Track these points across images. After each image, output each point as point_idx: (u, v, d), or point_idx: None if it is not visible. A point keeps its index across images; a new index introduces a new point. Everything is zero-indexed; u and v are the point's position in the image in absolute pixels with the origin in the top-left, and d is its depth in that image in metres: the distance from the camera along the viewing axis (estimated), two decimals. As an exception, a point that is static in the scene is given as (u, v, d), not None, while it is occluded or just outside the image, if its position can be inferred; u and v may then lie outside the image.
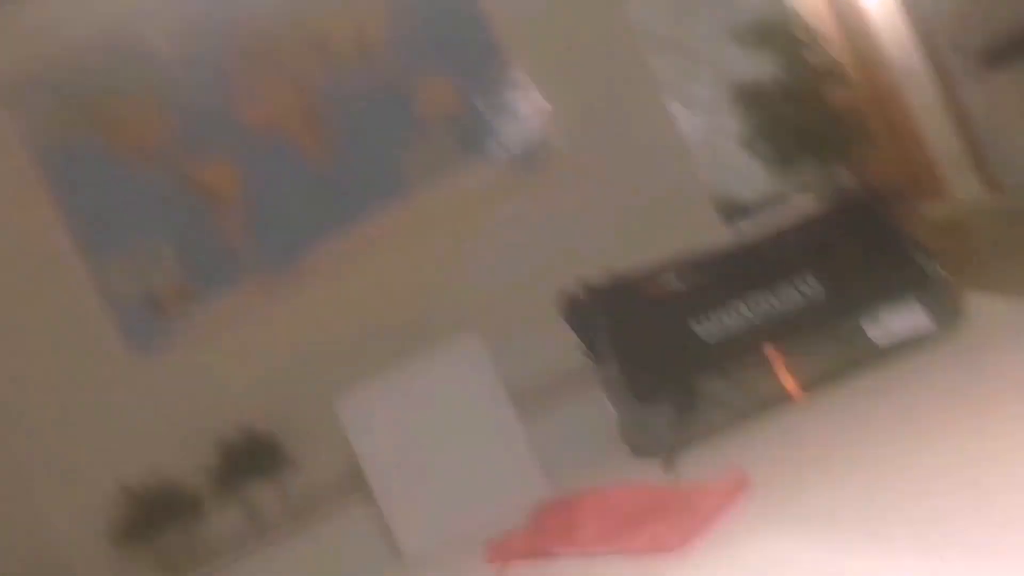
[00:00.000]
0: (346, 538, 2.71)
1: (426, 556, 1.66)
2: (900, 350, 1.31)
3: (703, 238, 2.03)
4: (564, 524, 1.28)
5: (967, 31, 5.29)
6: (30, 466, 3.25)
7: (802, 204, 1.74)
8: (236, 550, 2.81)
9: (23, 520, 3.22)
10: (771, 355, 1.37)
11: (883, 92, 6.73)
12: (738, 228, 3.29)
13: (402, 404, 2.21)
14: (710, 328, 1.43)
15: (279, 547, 2.76)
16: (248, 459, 3.02)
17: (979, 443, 0.93)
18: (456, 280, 3.28)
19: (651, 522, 1.13)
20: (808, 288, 1.39)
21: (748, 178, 6.10)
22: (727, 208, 4.64)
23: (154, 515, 2.97)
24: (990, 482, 0.83)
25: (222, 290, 3.32)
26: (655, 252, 1.66)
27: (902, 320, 1.32)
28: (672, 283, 1.50)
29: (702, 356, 1.42)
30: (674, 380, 1.43)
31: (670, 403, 1.43)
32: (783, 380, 1.36)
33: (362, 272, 3.30)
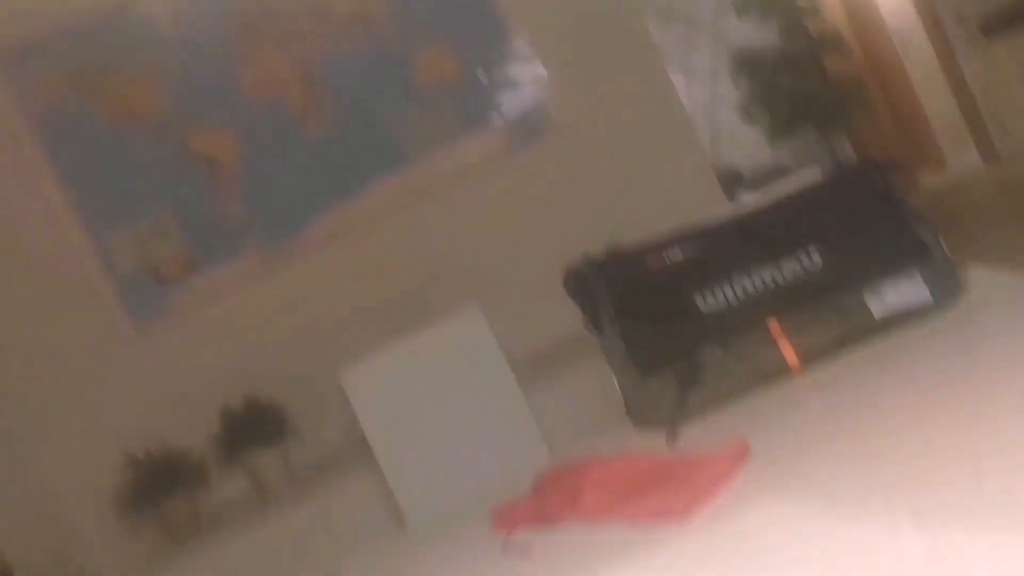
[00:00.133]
0: (350, 507, 2.74)
1: (430, 524, 1.69)
2: (901, 322, 1.33)
3: (705, 208, 2.05)
4: (568, 493, 1.30)
5: (966, 0, 5.26)
6: (35, 435, 3.28)
7: (803, 175, 1.75)
8: (240, 518, 2.84)
9: (29, 488, 3.24)
10: (773, 327, 1.39)
11: (882, 61, 6.70)
12: (738, 199, 3.30)
13: (405, 375, 2.23)
14: (712, 300, 1.44)
15: (283, 515, 2.79)
16: (251, 428, 3.04)
17: (979, 415, 0.95)
18: (457, 251, 3.28)
19: (654, 491, 1.15)
20: (810, 260, 1.40)
21: (748, 147, 6.10)
22: (727, 178, 4.65)
23: (158, 483, 3.00)
24: (989, 453, 0.85)
25: (223, 261, 3.33)
26: (657, 222, 1.67)
27: (903, 292, 1.33)
28: (674, 255, 1.51)
29: (704, 328, 1.43)
30: (676, 352, 1.45)
31: (672, 375, 1.45)
32: (785, 352, 1.38)
33: (363, 243, 3.31)
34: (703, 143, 4.00)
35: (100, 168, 3.35)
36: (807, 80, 6.02)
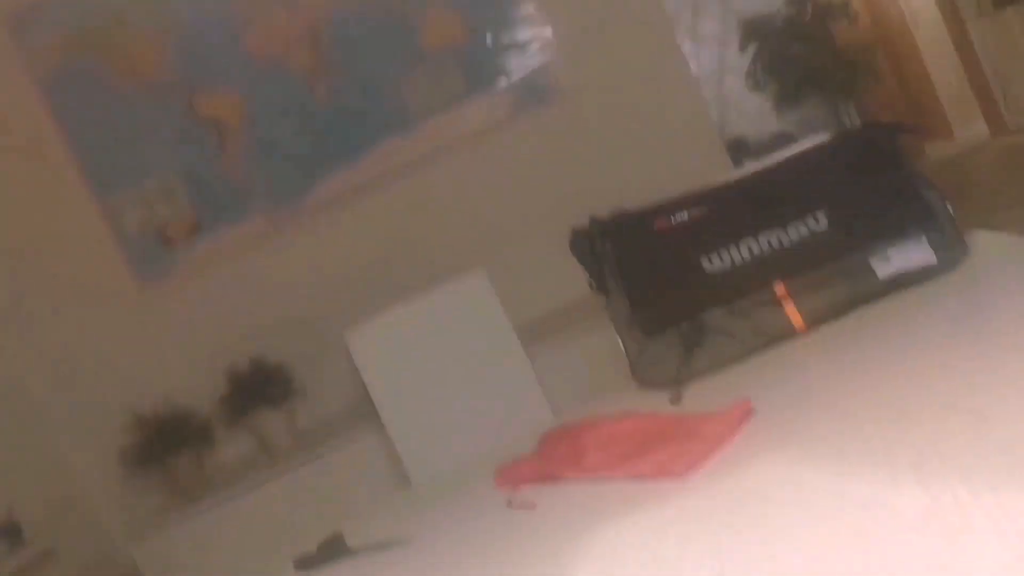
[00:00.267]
0: (355, 467, 2.76)
1: (435, 483, 1.70)
2: (906, 285, 1.33)
3: (710, 174, 2.04)
4: (572, 451, 1.32)
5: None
6: (43, 394, 3.30)
7: (810, 140, 1.74)
8: (246, 477, 2.87)
9: (37, 446, 3.27)
10: (778, 289, 1.39)
11: (891, 30, 6.65)
12: (743, 166, 3.29)
13: (410, 336, 2.24)
14: (718, 262, 1.44)
15: (289, 475, 2.81)
16: (257, 388, 3.06)
17: (981, 374, 0.96)
18: (463, 214, 3.28)
19: (657, 449, 1.16)
20: (816, 223, 1.40)
21: (754, 115, 6.06)
22: (732, 145, 4.63)
23: (165, 441, 3.02)
24: (991, 411, 0.86)
25: (229, 222, 3.33)
26: (662, 187, 1.67)
27: (909, 255, 1.33)
28: (680, 217, 1.52)
29: (709, 290, 1.44)
30: (681, 313, 1.45)
31: (677, 336, 1.45)
32: (790, 314, 1.38)
33: (368, 206, 3.31)
34: (710, 109, 3.97)
35: (106, 129, 3.34)
36: (815, 48, 5.97)
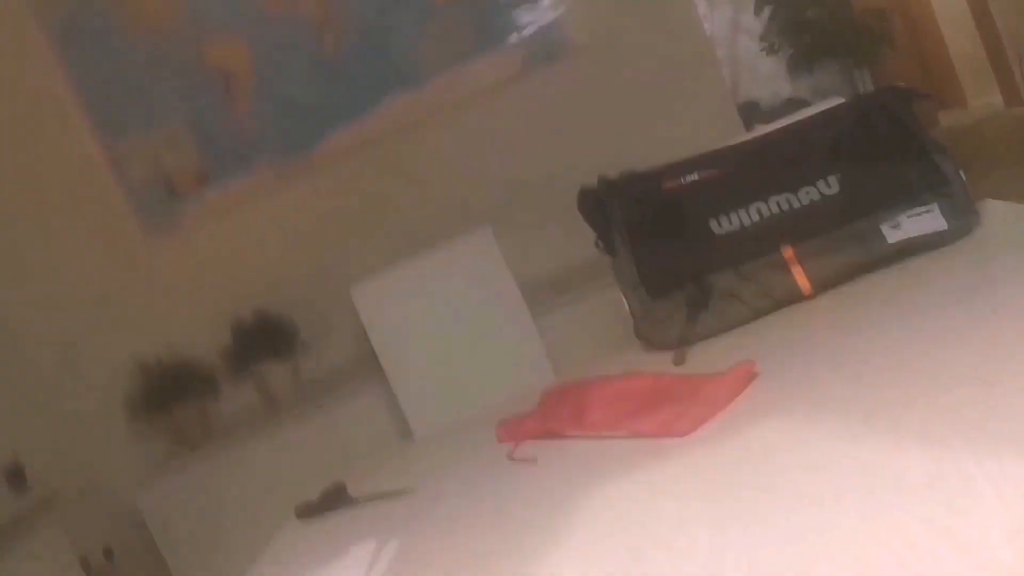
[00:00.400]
0: (357, 419, 2.78)
1: (437, 437, 1.71)
2: (916, 251, 1.32)
3: (722, 137, 2.02)
4: (575, 408, 1.32)
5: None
6: (48, 340, 3.31)
7: (824, 105, 1.72)
8: (249, 428, 2.88)
9: (42, 392, 3.29)
10: (787, 253, 1.38)
11: (909, -5, 6.57)
12: (755, 129, 3.26)
13: (415, 291, 2.24)
14: (727, 225, 1.43)
15: (292, 426, 2.82)
16: (262, 340, 3.06)
17: (988, 342, 0.95)
18: (470, 171, 3.27)
19: (660, 408, 1.16)
20: (828, 187, 1.39)
21: (767, 79, 6.01)
22: (744, 109, 4.59)
23: (169, 391, 3.03)
24: (997, 379, 0.85)
25: (236, 174, 3.32)
26: (673, 149, 1.66)
27: (919, 222, 1.32)
28: (691, 178, 1.50)
29: (717, 253, 1.43)
30: (688, 275, 1.45)
31: (683, 298, 1.45)
32: (797, 279, 1.37)
33: (376, 160, 3.29)
34: (724, 71, 3.93)
35: (115, 77, 3.31)
36: (832, 13, 5.91)
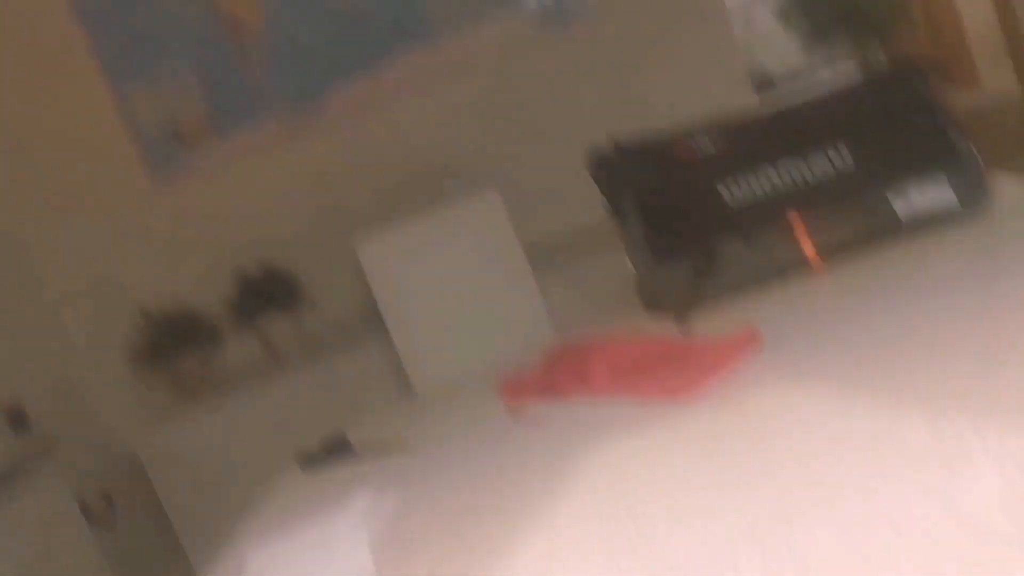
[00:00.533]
0: (359, 375, 2.79)
1: (438, 393, 1.72)
2: (924, 225, 1.32)
3: (735, 104, 2.01)
4: (576, 369, 1.32)
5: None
6: (53, 287, 3.32)
7: (837, 75, 1.71)
8: (251, 379, 2.89)
9: (44, 337, 3.30)
10: (795, 222, 1.38)
11: (928, -29, 6.49)
12: (768, 98, 3.24)
13: (421, 249, 2.24)
14: (736, 192, 1.43)
15: (294, 379, 2.84)
16: (266, 293, 3.07)
17: (994, 317, 0.95)
18: (480, 132, 3.25)
19: (662, 371, 1.17)
20: (839, 157, 1.38)
21: (780, 51, 5.96)
22: (756, 80, 4.56)
23: (172, 340, 3.04)
24: (1002, 353, 0.85)
25: (245, 125, 3.31)
26: (685, 115, 1.65)
27: (929, 196, 1.32)
28: (702, 145, 1.50)
29: (725, 219, 1.43)
30: (695, 240, 1.45)
31: (689, 263, 1.45)
32: (804, 247, 1.37)
33: (386, 117, 3.28)
34: (738, 40, 3.89)
35: (125, 22, 3.29)
36: (849, -15, 5.85)
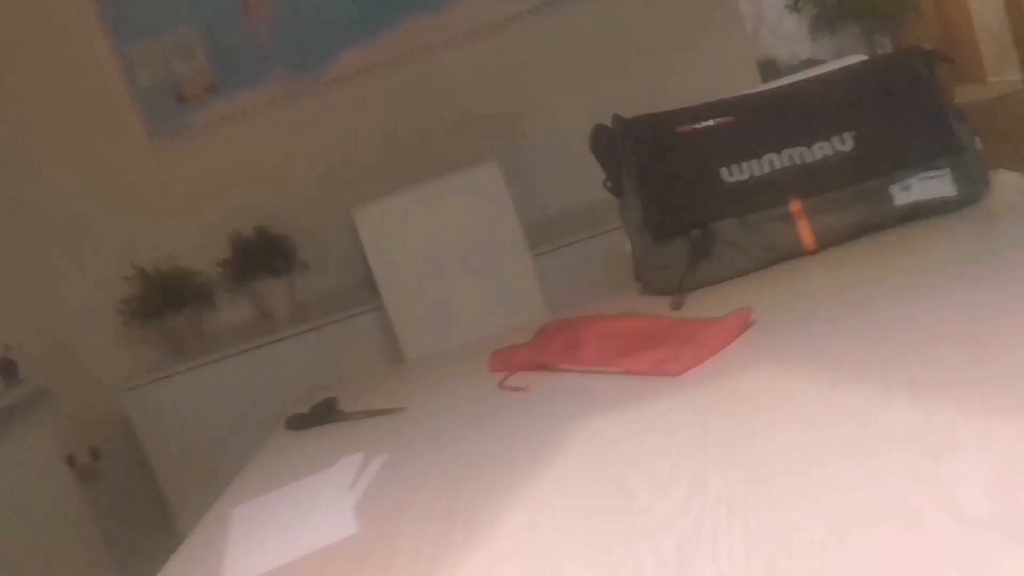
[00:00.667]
0: (351, 341, 2.79)
1: (429, 362, 1.72)
2: (923, 215, 1.32)
3: (740, 86, 2.01)
4: (569, 343, 1.33)
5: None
6: (49, 239, 3.31)
7: (845, 62, 1.70)
8: (243, 341, 2.89)
9: (38, 289, 3.30)
10: (794, 207, 1.38)
11: (940, -36, 6.47)
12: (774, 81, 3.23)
13: (418, 220, 2.24)
14: (737, 173, 1.43)
15: (285, 342, 2.84)
16: (261, 256, 3.06)
17: (986, 307, 0.95)
18: (483, 102, 3.24)
19: (654, 348, 1.17)
20: (842, 144, 1.38)
21: (788, 38, 5.94)
22: (763, 65, 4.55)
23: (166, 298, 3.04)
24: (991, 341, 0.86)
25: (246, 86, 3.29)
26: (690, 94, 1.65)
27: (930, 186, 1.32)
28: (706, 124, 1.49)
29: (725, 201, 1.43)
30: (693, 220, 1.44)
31: (686, 244, 1.44)
32: (802, 233, 1.37)
33: (389, 84, 3.26)
34: (747, 26, 3.88)
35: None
36: (860, -25, 5.83)
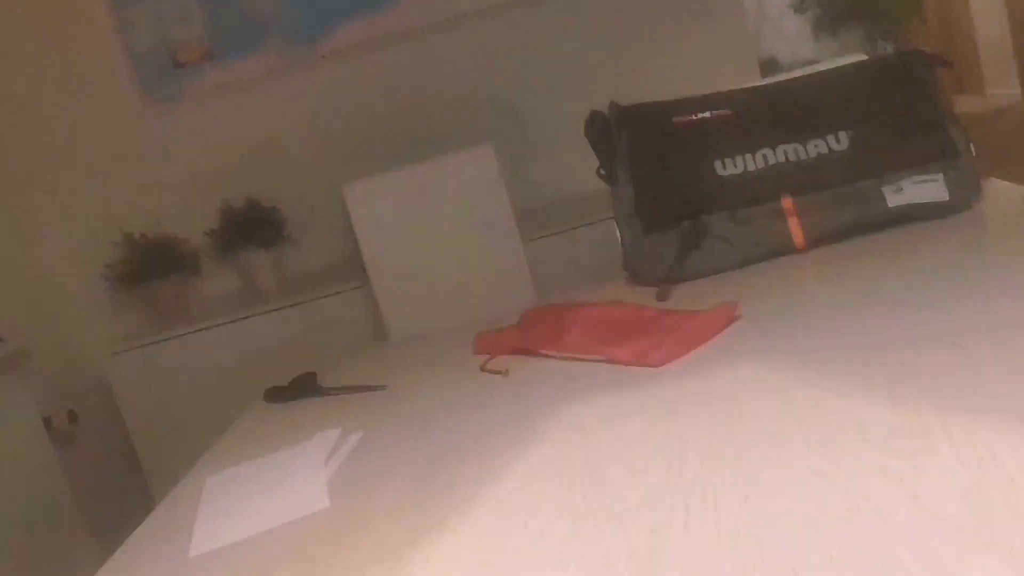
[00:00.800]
0: (335, 318, 2.79)
1: (413, 341, 1.71)
2: (914, 218, 1.32)
3: (739, 80, 2.00)
4: (552, 328, 1.32)
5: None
6: (36, 200, 3.28)
7: (846, 60, 1.70)
8: (227, 312, 2.88)
9: (23, 253, 3.28)
10: (785, 204, 1.38)
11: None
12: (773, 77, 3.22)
13: (409, 199, 2.22)
14: (731, 167, 1.42)
15: (269, 315, 2.83)
16: (249, 227, 3.04)
17: (971, 313, 0.95)
18: (479, 84, 3.22)
19: (637, 338, 1.16)
20: (837, 143, 1.38)
21: (790, 38, 5.94)
22: (764, 64, 4.54)
23: (152, 265, 3.02)
24: (974, 347, 0.86)
25: (242, 54, 3.26)
26: (688, 86, 1.63)
27: (922, 189, 1.32)
28: (702, 116, 1.49)
29: (717, 194, 1.42)
30: (684, 212, 1.44)
31: (676, 235, 1.44)
32: (792, 230, 1.37)
33: (386, 60, 3.24)
34: (750, 25, 3.86)
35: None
36: (865, -22, 5.83)
